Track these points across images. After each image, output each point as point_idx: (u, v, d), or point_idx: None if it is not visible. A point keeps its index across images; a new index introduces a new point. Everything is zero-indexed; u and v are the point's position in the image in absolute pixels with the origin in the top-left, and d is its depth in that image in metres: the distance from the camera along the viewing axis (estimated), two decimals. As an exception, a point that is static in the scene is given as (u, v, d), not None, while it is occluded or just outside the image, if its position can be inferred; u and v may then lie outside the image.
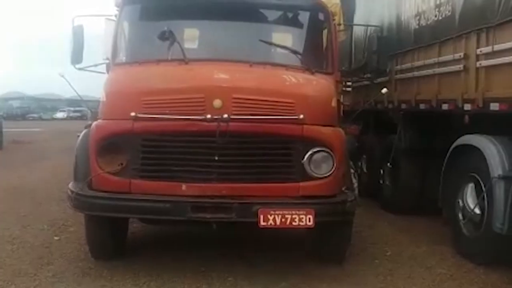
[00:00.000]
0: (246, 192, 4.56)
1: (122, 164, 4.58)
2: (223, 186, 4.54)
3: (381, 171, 8.69)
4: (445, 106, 6.38)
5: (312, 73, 5.28)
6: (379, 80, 8.86)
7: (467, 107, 5.83)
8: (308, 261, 5.42)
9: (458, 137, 5.96)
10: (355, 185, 5.41)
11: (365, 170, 9.78)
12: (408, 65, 7.58)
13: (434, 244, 6.39)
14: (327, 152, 4.65)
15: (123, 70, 5.24)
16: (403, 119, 7.84)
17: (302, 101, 4.67)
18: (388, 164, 8.38)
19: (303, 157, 4.60)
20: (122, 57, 5.51)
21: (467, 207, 5.77)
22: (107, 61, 5.53)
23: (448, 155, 6.19)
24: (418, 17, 7.20)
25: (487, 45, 5.42)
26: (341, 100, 5.42)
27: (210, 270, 5.09)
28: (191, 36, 5.96)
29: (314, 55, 5.60)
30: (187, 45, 5.92)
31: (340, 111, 5.43)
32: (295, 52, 5.40)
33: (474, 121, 5.95)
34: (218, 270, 5.07)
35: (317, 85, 5.10)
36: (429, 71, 6.86)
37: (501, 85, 5.24)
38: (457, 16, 6.06)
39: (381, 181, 8.71)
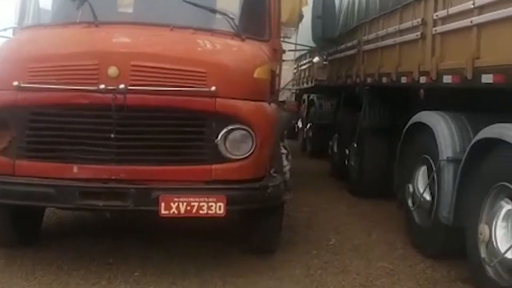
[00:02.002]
0: (148, 176, 3.95)
1: (10, 141, 3.98)
2: (121, 168, 3.92)
3: (347, 151, 8.08)
4: (403, 79, 5.72)
5: (243, 40, 4.64)
6: (349, 52, 8.28)
7: (423, 80, 5.17)
8: (234, 252, 4.86)
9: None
10: (287, 167, 4.76)
11: (335, 150, 9.19)
12: (373, 35, 6.90)
13: (387, 232, 5.80)
14: (246, 130, 4.02)
15: (20, 35, 4.62)
16: (368, 95, 7.20)
17: (214, 71, 4.01)
18: (354, 144, 7.78)
19: (217, 136, 3.98)
20: (28, 20, 4.89)
21: (417, 192, 5.16)
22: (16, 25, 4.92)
23: (402, 134, 5.58)
24: (383, -19, 6.51)
25: (444, 8, 4.74)
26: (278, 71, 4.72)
27: (119, 262, 4.51)
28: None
29: (248, 20, 4.93)
30: (122, 9, 5.34)
31: (275, 83, 4.77)
32: (225, 15, 4.70)
33: (431, 96, 5.33)
34: (128, 263, 4.49)
35: (236, 53, 4.43)
36: (391, 41, 6.19)
37: (454, 54, 4.57)
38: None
39: (346, 162, 8.10)
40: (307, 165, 10.83)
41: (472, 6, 4.13)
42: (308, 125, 12.29)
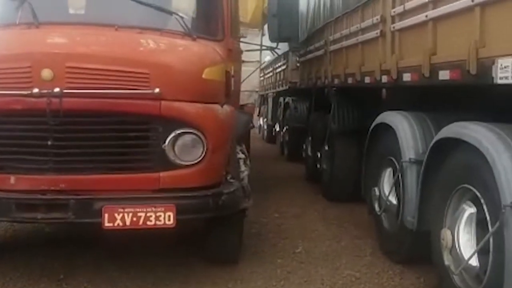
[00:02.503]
0: (90, 185, 3.71)
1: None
2: (60, 178, 3.68)
3: (319, 155, 7.90)
4: (367, 79, 5.55)
5: (194, 39, 4.43)
6: (318, 53, 8.11)
7: (384, 79, 5.00)
8: (195, 263, 4.63)
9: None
10: (245, 173, 4.55)
11: (309, 153, 9.00)
12: (338, 34, 6.73)
13: (357, 238, 5.60)
14: (195, 134, 3.81)
15: None
16: (336, 96, 7.02)
17: (158, 72, 3.77)
18: (325, 147, 7.60)
19: (164, 141, 3.76)
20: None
21: (383, 196, 4.97)
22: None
23: (367, 136, 5.40)
24: (345, -22, 6.36)
25: (401, 3, 4.56)
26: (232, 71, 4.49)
27: (70, 276, 4.27)
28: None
29: (201, 19, 4.74)
30: (73, 10, 5.10)
31: (230, 85, 4.56)
32: (175, 14, 4.47)
33: (395, 96, 5.15)
34: (80, 277, 4.26)
35: (183, 53, 4.21)
36: (353, 40, 6.02)
37: (412, 51, 4.39)
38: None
39: (318, 166, 7.92)
40: (283, 169, 10.68)
41: (427, 0, 3.96)
42: (284, 128, 12.15)
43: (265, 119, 16.85)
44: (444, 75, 3.73)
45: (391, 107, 5.10)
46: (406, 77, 4.44)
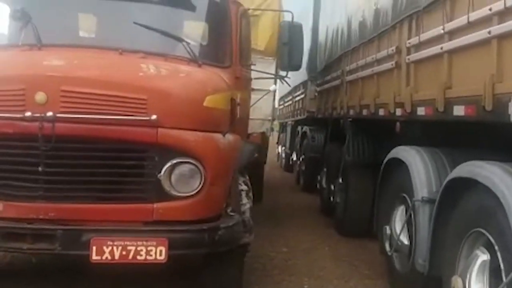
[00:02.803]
0: (80, 215, 3.54)
1: None
2: (50, 206, 3.51)
3: (333, 187, 7.64)
4: (381, 112, 5.33)
5: (199, 66, 4.30)
6: (335, 83, 7.93)
7: (399, 112, 4.77)
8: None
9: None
10: (247, 206, 4.33)
11: (324, 185, 8.75)
12: (354, 64, 6.55)
13: (368, 278, 5.32)
14: (193, 164, 3.63)
15: None
16: (351, 128, 6.80)
17: (156, 98, 3.61)
18: (339, 179, 7.36)
19: (160, 171, 3.58)
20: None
21: (394, 235, 4.70)
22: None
23: (381, 170, 5.15)
24: (362, 9, 6.18)
25: (416, 34, 4.37)
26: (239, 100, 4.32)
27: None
28: (87, 22, 5.03)
29: (209, 46, 4.62)
30: (83, 33, 5.04)
31: (235, 113, 4.39)
32: (181, 40, 4.36)
33: (408, 130, 4.91)
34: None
35: (184, 79, 4.06)
36: (369, 71, 5.83)
37: (427, 84, 4.18)
38: (392, 1, 5.01)
39: (331, 199, 7.66)
40: (298, 200, 10.41)
41: (442, 31, 3.75)
42: (301, 157, 11.92)
43: (283, 147, 16.64)
44: (459, 110, 3.50)
45: (405, 141, 4.88)
46: (421, 111, 4.21)
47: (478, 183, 3.20)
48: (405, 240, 4.52)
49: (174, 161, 3.59)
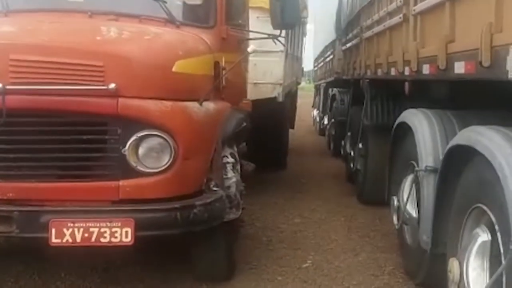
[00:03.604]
0: (41, 195, 3.27)
1: None
2: (7, 186, 3.24)
3: (352, 153, 7.19)
4: (392, 71, 4.83)
5: (177, 26, 3.94)
6: (355, 41, 7.39)
7: (407, 71, 4.27)
8: (186, 280, 4.12)
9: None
10: (233, 180, 3.97)
11: (348, 150, 8.27)
12: (370, 20, 6.01)
13: (380, 251, 4.93)
14: (161, 136, 3.30)
15: None
16: (368, 89, 6.29)
17: (114, 64, 3.26)
18: (360, 144, 6.89)
19: (124, 145, 3.27)
20: None
21: (402, 206, 4.26)
22: None
23: (391, 136, 4.69)
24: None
25: (421, -19, 3.84)
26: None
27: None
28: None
29: (188, 4, 4.22)
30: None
31: (220, 78, 3.99)
32: None
33: (417, 91, 4.41)
34: None
35: (150, 42, 3.68)
36: (381, 26, 5.30)
37: (431, 38, 3.66)
38: None
39: (352, 165, 7.21)
40: (325, 166, 9.98)
41: (444, -25, 3.23)
42: (332, 121, 11.44)
43: (318, 111, 16.13)
44: (459, 67, 3.00)
45: (416, 103, 4.40)
46: (425, 69, 3.71)
47: (477, 152, 2.74)
48: (413, 212, 4.09)
49: (140, 134, 3.27)
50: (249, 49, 3.86)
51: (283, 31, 6.11)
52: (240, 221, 4.32)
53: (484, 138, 2.70)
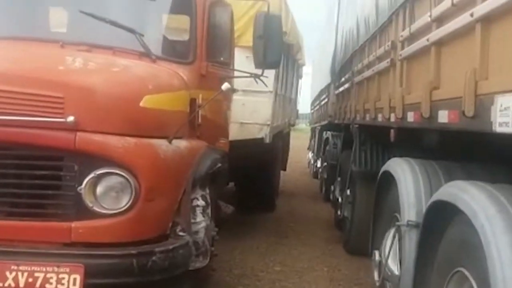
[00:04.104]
0: None
1: None
2: None
3: (340, 200, 6.93)
4: (379, 117, 4.62)
5: (153, 60, 3.76)
6: (346, 85, 7.23)
7: (393, 117, 4.06)
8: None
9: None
10: (202, 225, 3.70)
11: (337, 196, 8.01)
12: (360, 64, 5.85)
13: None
14: (121, 175, 3.06)
15: None
16: (358, 134, 6.08)
17: (75, 96, 3.06)
18: (347, 191, 6.63)
19: (81, 183, 3.03)
20: None
21: (383, 261, 3.98)
22: None
23: (376, 185, 4.45)
24: (367, 4, 5.47)
25: (408, 26, 3.65)
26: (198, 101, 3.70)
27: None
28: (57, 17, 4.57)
29: (167, 38, 4.06)
30: (55, 28, 4.59)
31: (196, 116, 3.78)
32: (131, 30, 3.78)
33: (403, 139, 4.19)
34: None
35: (116, 74, 3.48)
36: (370, 71, 5.12)
37: (416, 84, 3.46)
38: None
39: (339, 212, 6.94)
40: (315, 210, 9.68)
41: (429, 19, 3.04)
42: (324, 164, 11.21)
43: (312, 153, 15.92)
44: (443, 116, 2.79)
45: (404, 151, 4.19)
46: (410, 116, 3.50)
47: (459, 210, 2.49)
48: (395, 269, 3.80)
49: (98, 172, 3.03)
50: (223, 87, 3.66)
51: (273, 71, 6.09)
52: (210, 269, 4.05)
53: (467, 195, 2.45)
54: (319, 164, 12.58)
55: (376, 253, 4.13)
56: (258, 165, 7.23)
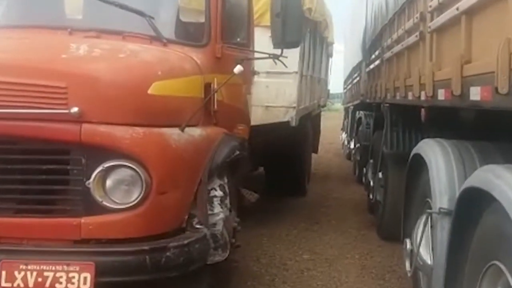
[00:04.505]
0: None
1: None
2: None
3: (372, 183, 6.66)
4: (410, 95, 4.33)
5: (164, 44, 3.58)
6: (377, 62, 6.91)
7: (423, 95, 3.78)
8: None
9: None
10: (220, 216, 3.52)
11: (369, 179, 7.73)
12: (390, 39, 5.53)
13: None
14: (131, 168, 2.90)
15: None
16: (389, 114, 5.78)
17: (79, 85, 2.89)
18: (380, 174, 6.36)
19: (89, 177, 2.89)
20: None
21: (415, 250, 3.73)
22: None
23: (407, 169, 4.19)
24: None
25: (436, -6, 3.35)
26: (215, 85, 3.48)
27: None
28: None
29: (179, 21, 3.86)
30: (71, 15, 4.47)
31: (212, 102, 3.59)
32: (141, 14, 3.59)
33: (435, 119, 3.91)
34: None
35: (123, 61, 3.29)
36: (399, 46, 4.82)
37: (447, 58, 3.18)
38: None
39: (371, 196, 6.68)
40: (348, 193, 9.42)
41: (459, -15, 2.75)
42: (357, 146, 10.91)
43: (346, 134, 15.58)
44: (475, 93, 2.51)
45: (438, 131, 3.92)
46: (441, 94, 3.22)
47: (494, 198, 2.23)
48: (427, 258, 3.55)
49: (106, 165, 2.88)
50: (235, 70, 3.44)
51: (297, 51, 5.84)
52: (234, 261, 3.88)
53: (503, 182, 2.19)
54: (352, 145, 12.28)
55: (408, 241, 3.88)
56: (287, 149, 7.02)
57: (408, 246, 3.85)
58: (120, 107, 2.97)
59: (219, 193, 3.52)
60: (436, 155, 3.36)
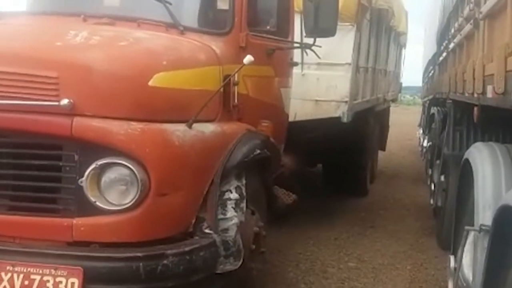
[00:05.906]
0: None
1: None
2: None
3: (432, 186, 6.10)
4: (466, 91, 3.81)
5: (181, 32, 3.31)
6: (444, 54, 6.31)
7: (476, 92, 3.27)
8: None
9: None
10: (233, 221, 3.19)
11: (434, 181, 7.11)
12: (453, 29, 4.97)
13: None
14: (127, 166, 2.67)
15: None
16: (452, 111, 5.21)
17: (71, 75, 2.69)
18: (441, 177, 5.80)
19: (82, 175, 2.68)
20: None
21: (458, 267, 3.25)
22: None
23: (459, 175, 3.69)
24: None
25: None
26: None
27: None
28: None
29: (199, 6, 3.58)
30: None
31: (231, 95, 3.28)
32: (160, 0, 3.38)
33: (489, 119, 3.39)
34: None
35: (123, 49, 3.02)
36: (459, 36, 4.27)
37: (496, 50, 2.67)
38: None
39: (432, 201, 6.12)
40: (415, 195, 8.77)
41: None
42: (429, 144, 10.21)
43: (421, 131, 14.75)
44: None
45: (498, 134, 3.40)
46: (489, 91, 2.73)
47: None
48: (470, 278, 3.08)
49: (100, 163, 2.66)
50: (245, 60, 3.10)
51: (351, 40, 5.41)
52: (256, 270, 3.56)
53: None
54: (425, 143, 11.55)
55: (452, 258, 3.40)
56: (344, 146, 6.57)
57: (452, 264, 3.38)
58: (116, 99, 2.74)
59: (234, 195, 3.20)
60: (484, 162, 2.88)
